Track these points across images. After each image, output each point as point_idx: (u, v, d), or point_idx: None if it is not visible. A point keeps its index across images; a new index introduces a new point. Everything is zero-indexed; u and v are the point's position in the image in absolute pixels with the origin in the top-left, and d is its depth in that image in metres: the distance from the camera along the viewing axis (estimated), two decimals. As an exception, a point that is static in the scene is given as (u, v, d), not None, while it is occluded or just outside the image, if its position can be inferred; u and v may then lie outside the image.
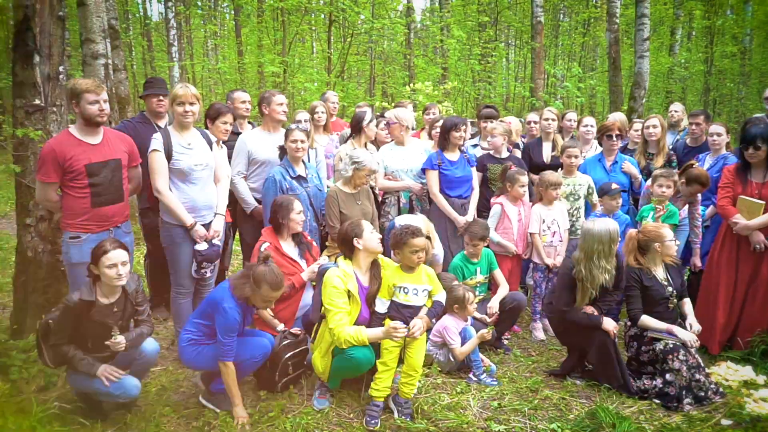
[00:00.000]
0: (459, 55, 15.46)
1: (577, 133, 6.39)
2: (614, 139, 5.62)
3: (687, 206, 5.19)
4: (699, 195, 5.15)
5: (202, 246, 4.19)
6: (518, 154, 6.02)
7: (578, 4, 20.30)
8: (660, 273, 4.31)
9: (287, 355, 3.91)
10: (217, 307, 3.49)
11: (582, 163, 5.67)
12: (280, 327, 4.13)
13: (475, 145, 6.14)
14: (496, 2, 17.29)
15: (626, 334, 4.36)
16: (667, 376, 3.96)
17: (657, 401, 3.92)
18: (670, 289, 4.26)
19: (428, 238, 4.23)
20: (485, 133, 6.00)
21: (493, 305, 4.70)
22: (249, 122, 5.78)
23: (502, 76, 19.94)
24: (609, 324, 4.07)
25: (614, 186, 5.15)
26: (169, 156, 4.06)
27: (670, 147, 6.15)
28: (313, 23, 18.11)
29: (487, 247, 4.94)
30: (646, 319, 4.15)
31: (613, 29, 11.91)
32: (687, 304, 4.38)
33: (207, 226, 4.23)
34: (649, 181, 5.26)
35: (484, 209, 5.38)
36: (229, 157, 4.85)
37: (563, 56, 20.95)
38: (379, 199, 5.41)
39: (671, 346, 4.01)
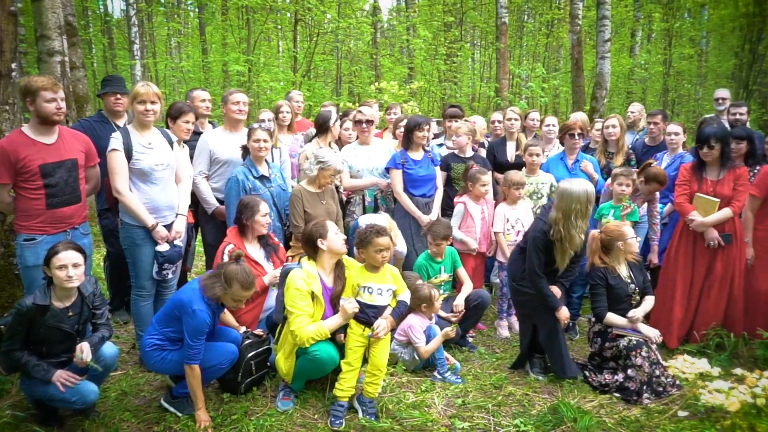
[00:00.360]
0: (425, 54, 15.55)
1: (540, 132, 6.48)
2: (576, 138, 5.72)
3: (646, 204, 5.31)
4: (657, 193, 5.27)
5: (163, 247, 4.11)
6: (483, 153, 6.08)
7: (542, 5, 20.61)
8: (623, 271, 4.40)
9: (250, 355, 3.87)
10: (186, 309, 3.42)
11: (545, 162, 5.75)
12: (243, 329, 4.09)
13: (440, 144, 6.18)
14: (461, 3, 17.42)
15: (590, 330, 4.43)
16: (629, 371, 4.04)
17: (617, 395, 4.00)
18: (632, 286, 4.36)
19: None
20: (450, 133, 6.04)
21: (459, 303, 4.74)
22: (210, 122, 5.70)
23: (468, 76, 20.10)
24: (563, 313, 4.15)
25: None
26: (129, 156, 3.97)
27: (630, 146, 6.28)
28: (278, 22, 17.97)
29: (451, 245, 4.98)
30: (612, 317, 4.23)
31: (575, 31, 12.14)
32: (647, 301, 4.47)
33: (168, 226, 4.15)
34: (608, 180, 5.37)
35: (448, 208, 5.42)
36: (191, 156, 4.79)
37: (527, 57, 21.25)
38: (344, 198, 5.40)
39: (635, 342, 4.10)
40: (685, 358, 4.55)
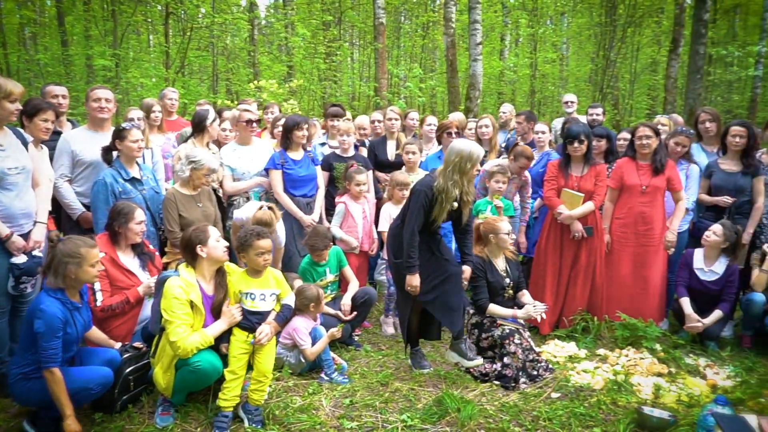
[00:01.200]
0: (304, 53, 15.41)
1: (419, 131, 6.64)
2: (453, 136, 5.94)
3: (519, 190, 5.64)
4: (528, 177, 5.61)
5: (20, 259, 3.72)
6: (364, 152, 6.13)
7: (418, 7, 21.19)
8: (500, 264, 4.63)
9: (128, 370, 3.62)
10: (34, 313, 3.13)
11: (424, 161, 5.91)
12: (117, 345, 3.81)
13: (323, 144, 6.15)
14: (339, 2, 17.47)
15: (468, 321, 4.61)
16: (505, 359, 4.26)
17: (497, 383, 4.19)
18: (507, 280, 4.59)
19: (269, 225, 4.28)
20: (332, 132, 6.03)
21: (346, 302, 4.75)
22: (69, 120, 5.26)
23: (348, 75, 20.22)
24: (413, 280, 4.02)
25: None
26: (-25, 160, 3.55)
27: (502, 145, 6.63)
28: (148, 15, 17.00)
29: (335, 244, 4.97)
30: (494, 307, 4.44)
31: (449, 33, 12.58)
32: (525, 295, 4.73)
33: (26, 236, 3.77)
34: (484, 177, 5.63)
35: (332, 208, 5.40)
36: (51, 158, 4.39)
37: (405, 57, 21.75)
38: (224, 201, 5.21)
39: (507, 331, 4.33)
40: (555, 342, 4.90)
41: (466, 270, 4.31)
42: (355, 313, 4.80)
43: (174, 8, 14.90)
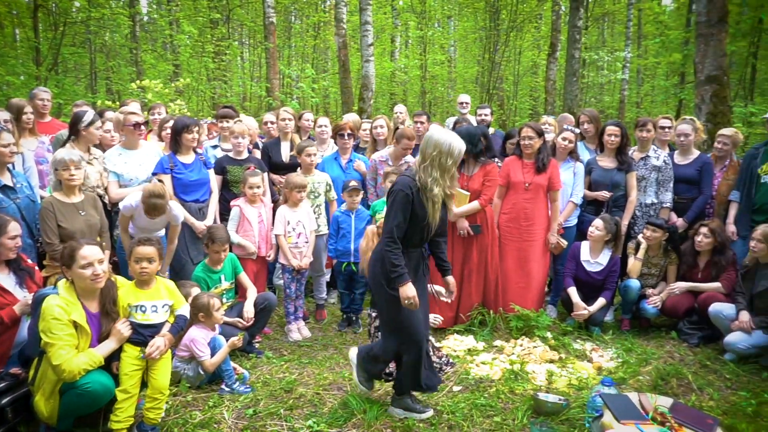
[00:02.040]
0: (191, 51, 14.80)
1: (314, 132, 6.59)
2: (346, 138, 5.94)
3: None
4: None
5: None
6: (258, 154, 5.98)
7: (308, 7, 21.02)
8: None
9: (5, 400, 3.27)
10: None
11: (320, 162, 5.87)
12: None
13: (214, 146, 5.92)
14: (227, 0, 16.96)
15: (371, 324, 4.62)
16: (407, 356, 4.30)
17: (401, 381, 4.24)
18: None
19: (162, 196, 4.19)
20: (224, 134, 5.84)
21: (248, 309, 4.60)
22: None
23: (238, 75, 19.69)
24: (407, 291, 3.30)
25: (352, 183, 5.44)
26: None
27: (397, 145, 6.72)
28: (12, 6, 15.57)
29: (231, 250, 4.81)
30: None
31: (341, 34, 12.59)
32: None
33: None
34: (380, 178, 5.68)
35: (226, 213, 5.22)
36: None
37: (297, 57, 21.52)
38: (110, 208, 4.89)
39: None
40: (455, 337, 5.03)
41: (451, 283, 3.82)
42: (251, 320, 4.65)
43: (43, 1, 13.77)
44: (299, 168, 5.60)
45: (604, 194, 5.52)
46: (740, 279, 4.89)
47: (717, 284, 5.08)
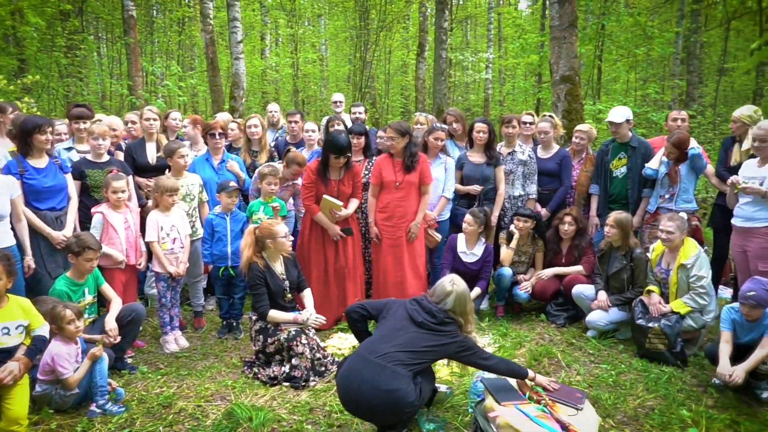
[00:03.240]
0: (39, 45, 13.50)
1: (182, 132, 6.29)
2: (216, 138, 5.72)
3: (293, 197, 5.65)
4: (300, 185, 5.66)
5: None
6: (121, 156, 5.58)
7: (171, 1, 20.00)
8: (278, 267, 4.57)
9: None
10: None
11: (191, 163, 5.60)
12: None
13: (69, 149, 5.43)
14: (79, -10, 15.65)
15: (251, 329, 4.48)
16: (293, 360, 4.23)
17: (287, 384, 4.15)
18: (287, 282, 4.56)
19: None
20: (79, 135, 5.38)
21: (110, 322, 4.23)
22: None
23: (95, 71, 18.29)
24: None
25: (231, 183, 5.26)
26: None
27: (272, 144, 6.59)
28: None
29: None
30: (274, 313, 4.35)
31: (208, 30, 12.11)
32: (306, 297, 4.73)
33: None
34: (255, 178, 5.52)
35: (87, 220, 4.79)
36: None
37: (161, 54, 20.40)
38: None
39: (293, 333, 4.30)
40: (339, 336, 5.02)
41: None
42: (113, 331, 4.24)
43: None
44: (168, 170, 5.30)
45: (475, 188, 5.76)
46: (597, 261, 5.34)
47: (579, 267, 5.51)
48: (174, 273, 4.86)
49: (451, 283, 3.44)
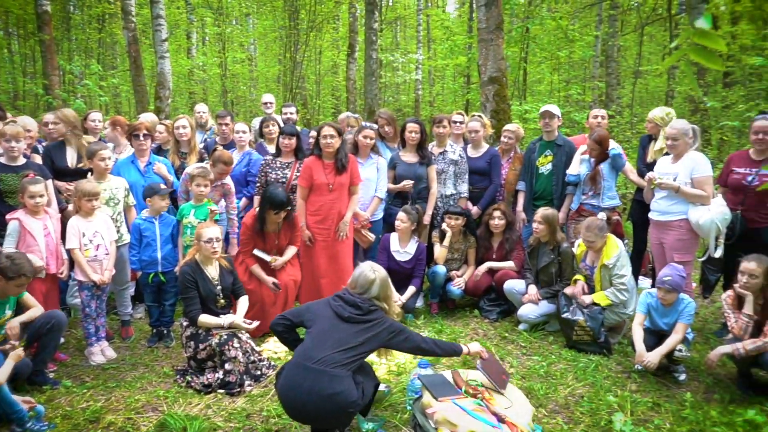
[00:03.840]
0: (-59, 41, 12.60)
1: (103, 134, 6.04)
2: (141, 139, 5.53)
3: (223, 198, 5.53)
4: (231, 185, 5.54)
5: None
6: (38, 159, 5.29)
7: (89, -3, 19.09)
8: (211, 271, 4.46)
9: None
10: None
11: (115, 166, 5.39)
12: None
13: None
14: (-15, -17, 14.73)
15: (182, 335, 4.36)
16: (227, 365, 4.14)
17: (221, 391, 4.06)
18: (219, 288, 4.45)
19: None
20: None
21: (13, 321, 3.94)
22: None
23: (6, 70, 17.23)
24: None
25: (163, 186, 5.12)
26: None
27: (201, 145, 6.42)
28: None
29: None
30: (204, 318, 4.25)
31: (130, 28, 11.66)
32: (240, 303, 4.64)
33: None
34: (184, 179, 5.37)
35: (2, 227, 4.51)
36: None
37: (79, 52, 19.44)
38: None
39: (225, 337, 4.21)
40: (274, 339, 4.94)
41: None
42: (16, 335, 3.97)
43: None
44: (90, 173, 5.06)
45: (407, 183, 5.80)
46: (527, 257, 5.51)
47: (510, 263, 5.67)
48: (98, 281, 4.64)
49: (372, 270, 3.46)
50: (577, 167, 5.72)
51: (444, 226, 5.73)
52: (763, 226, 4.85)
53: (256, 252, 5.06)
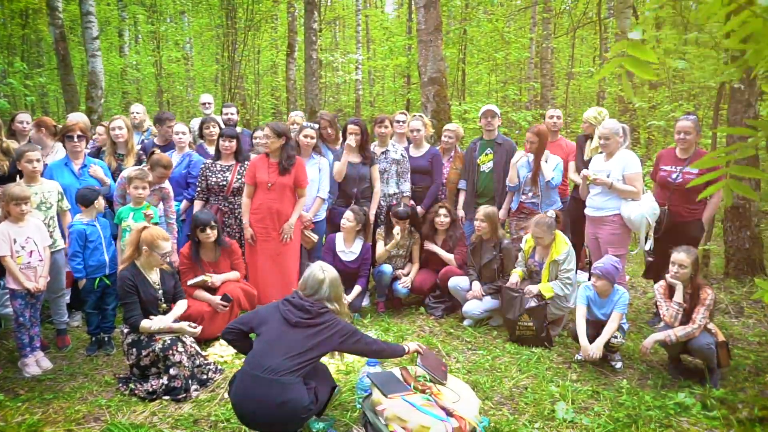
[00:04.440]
0: None
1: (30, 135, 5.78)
2: (75, 140, 5.33)
3: (162, 202, 5.39)
4: (170, 189, 5.43)
5: None
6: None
7: (11, -9, 18.13)
8: (152, 276, 4.35)
9: None
10: None
11: (46, 168, 5.17)
12: None
13: None
14: None
15: (123, 342, 4.23)
16: (171, 371, 4.04)
17: (167, 398, 3.96)
18: (161, 292, 4.35)
19: None
20: None
21: None
22: None
23: None
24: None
25: (99, 188, 4.94)
26: None
27: (139, 146, 6.24)
28: None
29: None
30: (146, 323, 4.14)
31: (57, 24, 11.15)
32: (178, 305, 4.53)
33: None
34: (119, 182, 5.21)
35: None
36: None
37: (1, 49, 18.45)
38: None
39: (168, 342, 4.12)
40: (220, 343, 4.88)
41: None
42: None
43: None
44: (19, 177, 4.84)
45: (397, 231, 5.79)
46: (470, 254, 5.64)
47: (451, 256, 5.78)
48: (33, 289, 4.44)
49: (322, 270, 3.46)
50: (515, 177, 5.82)
51: (395, 231, 5.70)
52: (688, 221, 5.15)
53: (189, 282, 4.95)
